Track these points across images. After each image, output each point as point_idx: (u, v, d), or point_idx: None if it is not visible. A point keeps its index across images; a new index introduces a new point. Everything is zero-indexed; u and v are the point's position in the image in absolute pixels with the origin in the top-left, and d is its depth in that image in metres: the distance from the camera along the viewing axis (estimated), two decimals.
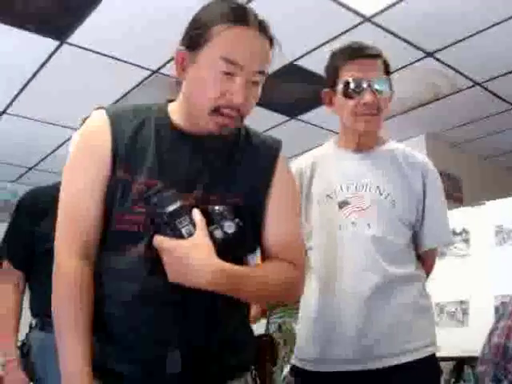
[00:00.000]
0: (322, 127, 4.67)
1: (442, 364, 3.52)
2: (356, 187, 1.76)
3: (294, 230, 1.37)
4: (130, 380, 1.21)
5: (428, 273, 1.90)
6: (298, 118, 4.64)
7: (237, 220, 1.18)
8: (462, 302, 2.93)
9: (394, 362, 1.63)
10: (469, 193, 5.18)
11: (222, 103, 1.21)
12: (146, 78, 3.94)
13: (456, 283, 2.98)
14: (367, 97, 1.72)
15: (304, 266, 1.38)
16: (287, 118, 4.65)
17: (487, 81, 4.13)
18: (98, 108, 1.32)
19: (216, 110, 1.22)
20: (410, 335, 1.67)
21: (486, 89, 4.27)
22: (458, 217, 3.12)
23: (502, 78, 4.07)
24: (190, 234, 1.14)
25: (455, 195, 5.15)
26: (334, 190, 1.77)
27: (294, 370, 1.82)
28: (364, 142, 1.82)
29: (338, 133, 1.93)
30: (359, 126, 1.77)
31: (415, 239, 1.81)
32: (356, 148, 1.83)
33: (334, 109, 1.84)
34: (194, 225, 1.15)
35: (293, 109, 4.49)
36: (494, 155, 5.85)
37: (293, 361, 1.83)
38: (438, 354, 2.94)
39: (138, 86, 4.03)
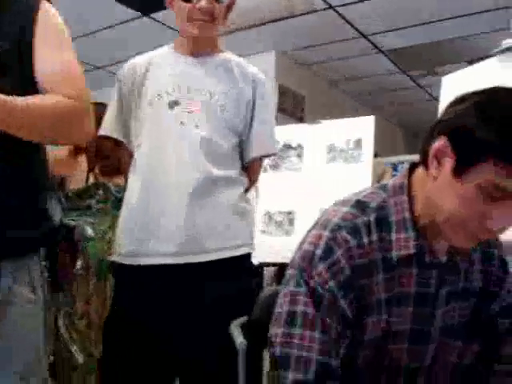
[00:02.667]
0: (174, 28, 4.52)
1: (269, 269, 3.76)
2: (188, 89, 1.78)
3: (64, 62, 1.35)
4: None
5: (253, 181, 1.97)
6: (151, 16, 4.45)
7: None
8: (289, 213, 3.11)
9: (211, 257, 1.72)
10: (310, 113, 5.38)
11: None
12: None
13: (286, 194, 3.14)
14: (203, 2, 1.73)
15: (85, 98, 1.35)
16: (138, 15, 4.44)
17: (342, 5, 4.21)
18: None
19: None
20: (227, 234, 1.76)
21: (339, 14, 4.36)
22: (295, 132, 3.25)
23: (355, 4, 4.17)
24: None
25: (297, 114, 5.33)
26: (166, 90, 1.78)
27: (114, 265, 1.84)
28: (199, 47, 1.83)
29: None
30: (193, 31, 1.78)
31: (242, 147, 1.87)
32: (191, 52, 1.84)
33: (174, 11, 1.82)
34: None
35: (145, 5, 4.28)
36: (339, 80, 6.09)
37: (112, 257, 1.84)
38: (265, 260, 3.13)
39: None
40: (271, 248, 3.01)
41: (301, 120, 5.10)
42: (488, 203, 1.00)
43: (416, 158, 1.17)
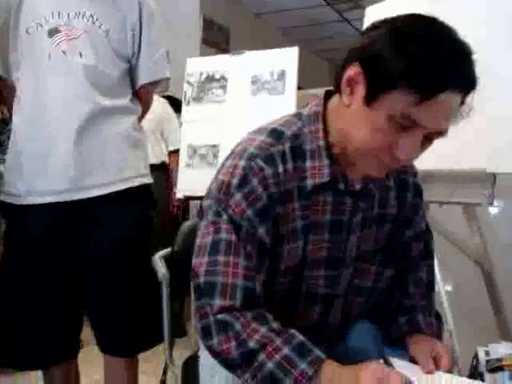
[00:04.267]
0: None
1: (194, 202, 3.77)
2: (68, 15, 1.65)
3: None
4: None
5: (145, 108, 1.91)
6: None
7: None
8: (213, 146, 3.08)
9: (106, 191, 1.68)
10: (236, 46, 5.29)
11: None
12: None
13: (210, 127, 3.09)
14: None
15: None
16: None
17: None
18: None
19: None
20: (122, 165, 1.71)
21: None
22: (218, 64, 3.17)
23: None
24: None
25: (222, 46, 5.24)
26: (45, 16, 1.65)
27: (3, 206, 1.76)
28: None
29: None
30: None
31: (131, 73, 1.79)
32: None
33: None
34: None
35: None
36: (265, 12, 6.00)
37: (1, 197, 1.76)
38: (190, 193, 3.11)
39: None
40: (196, 181, 2.99)
41: (226, 53, 5.02)
42: (397, 132, 1.00)
43: None
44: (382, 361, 1.07)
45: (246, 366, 1.04)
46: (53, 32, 1.64)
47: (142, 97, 1.85)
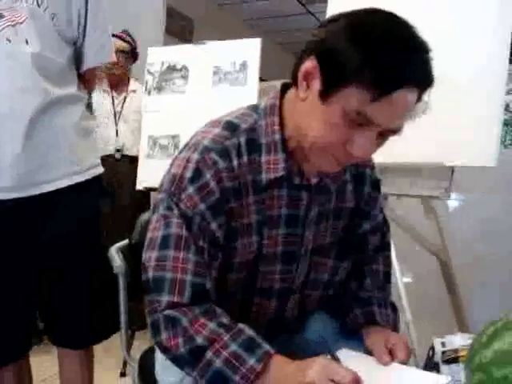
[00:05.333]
0: None
1: (154, 194, 3.71)
2: None
3: None
4: None
5: (89, 91, 1.87)
6: None
7: None
8: (174, 137, 3.05)
9: (58, 185, 1.62)
10: (200, 37, 5.25)
11: None
12: None
13: (171, 118, 3.06)
14: None
15: None
16: None
17: None
18: None
19: None
20: (74, 158, 1.65)
21: None
22: (179, 54, 3.14)
23: None
24: None
25: (186, 36, 5.20)
26: None
27: None
28: None
29: None
30: None
31: (77, 57, 1.72)
32: None
33: None
34: None
35: None
36: (229, 3, 5.97)
37: None
38: (150, 184, 3.07)
39: None
40: (156, 172, 2.96)
41: (189, 43, 4.99)
42: (352, 128, 0.98)
43: None
44: (329, 356, 1.06)
45: (194, 364, 1.02)
46: None
47: (86, 80, 1.79)
